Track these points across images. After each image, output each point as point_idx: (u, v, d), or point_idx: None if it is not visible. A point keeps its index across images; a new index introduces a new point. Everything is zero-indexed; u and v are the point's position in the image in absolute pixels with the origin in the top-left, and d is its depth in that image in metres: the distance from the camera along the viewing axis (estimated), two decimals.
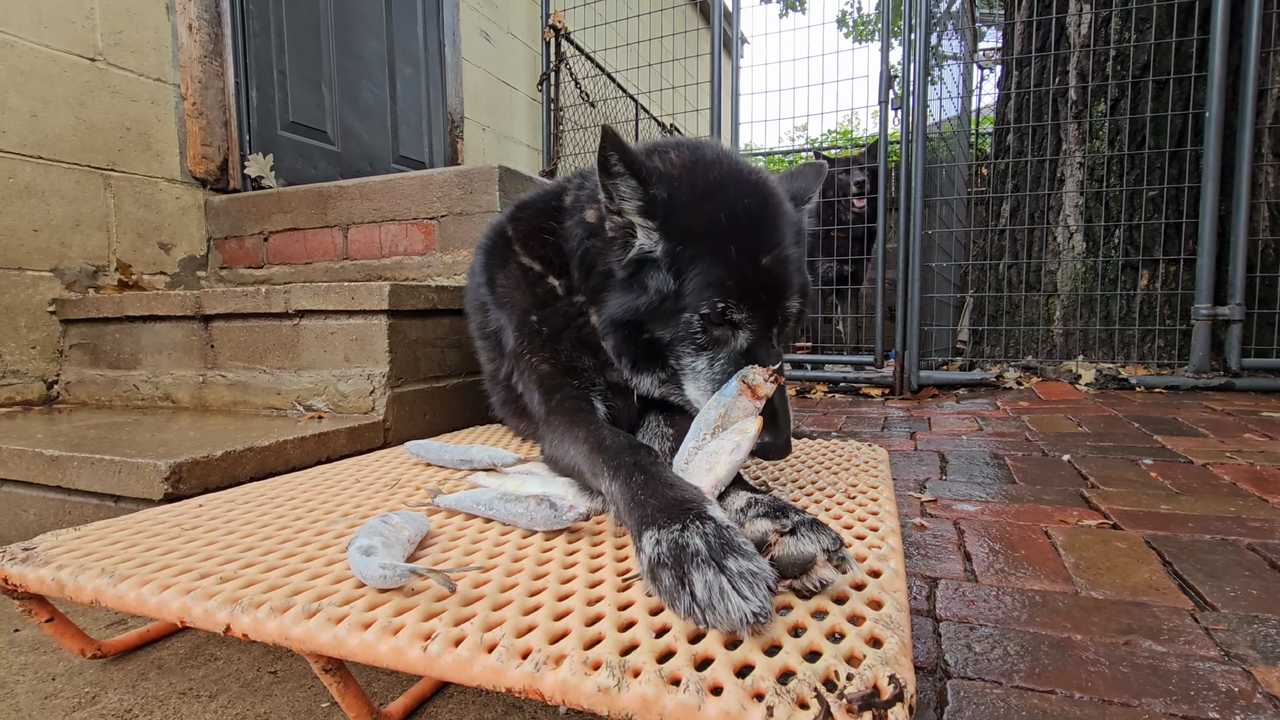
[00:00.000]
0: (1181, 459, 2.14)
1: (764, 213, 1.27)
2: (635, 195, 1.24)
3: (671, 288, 1.23)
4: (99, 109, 2.70)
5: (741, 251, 1.22)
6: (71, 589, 0.91)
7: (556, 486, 1.22)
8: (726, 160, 1.34)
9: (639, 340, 1.31)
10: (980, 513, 1.73)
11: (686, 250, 1.22)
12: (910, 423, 2.92)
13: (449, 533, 1.09)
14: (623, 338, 1.33)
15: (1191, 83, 3.49)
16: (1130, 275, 3.68)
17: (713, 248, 1.22)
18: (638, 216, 1.25)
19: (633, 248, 1.27)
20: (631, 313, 1.28)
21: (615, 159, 1.20)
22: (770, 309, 1.24)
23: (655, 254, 1.25)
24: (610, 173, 1.23)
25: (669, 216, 1.23)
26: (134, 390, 2.36)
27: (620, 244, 1.29)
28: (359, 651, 0.73)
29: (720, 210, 1.24)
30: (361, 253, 2.80)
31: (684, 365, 1.29)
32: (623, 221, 1.28)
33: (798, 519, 0.85)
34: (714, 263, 1.21)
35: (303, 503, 1.26)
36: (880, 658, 0.65)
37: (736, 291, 1.20)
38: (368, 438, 1.89)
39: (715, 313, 1.21)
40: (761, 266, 1.22)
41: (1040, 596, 1.26)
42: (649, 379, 1.37)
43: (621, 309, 1.30)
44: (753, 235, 1.24)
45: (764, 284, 1.23)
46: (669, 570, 0.76)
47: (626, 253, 1.28)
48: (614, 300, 1.32)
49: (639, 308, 1.27)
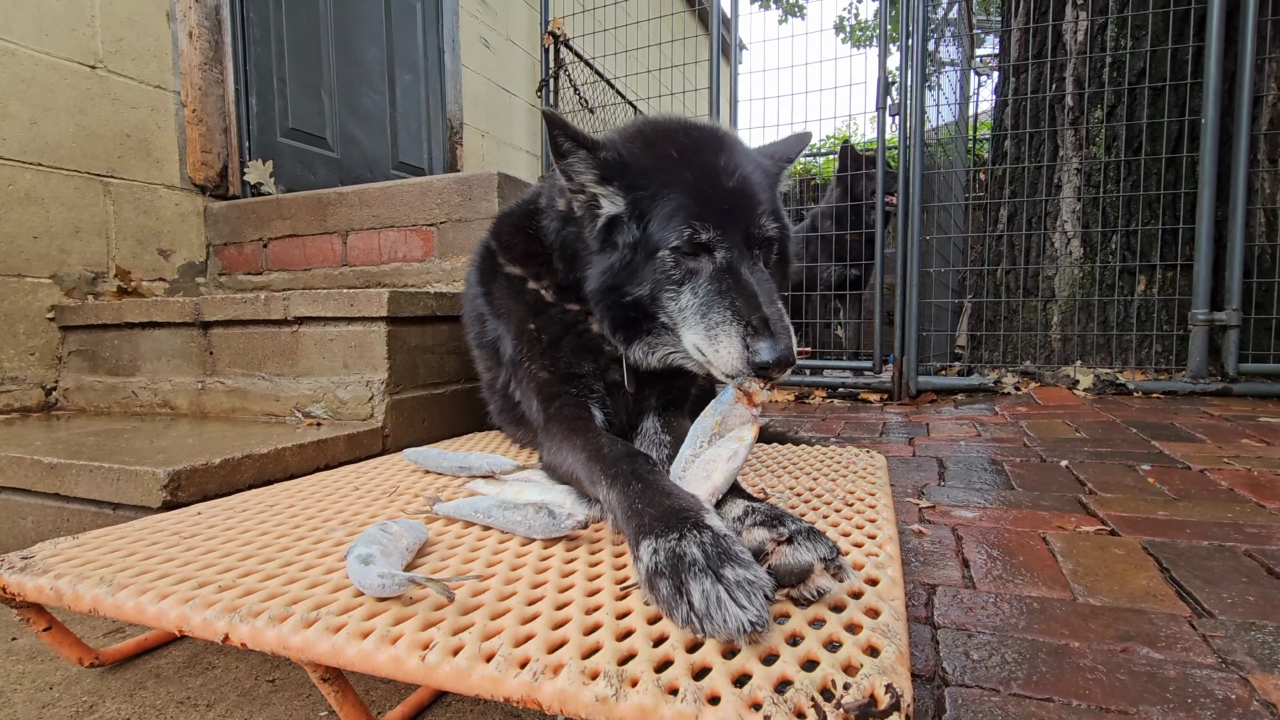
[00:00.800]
0: (1179, 464, 2.14)
1: (719, 144, 1.29)
2: (589, 166, 1.26)
3: (637, 235, 1.24)
4: (99, 116, 2.71)
5: (700, 176, 1.22)
6: (70, 598, 0.91)
7: (555, 494, 1.22)
8: (678, 118, 1.39)
9: (623, 304, 1.30)
10: (979, 519, 1.73)
11: (645, 194, 1.23)
12: (909, 428, 2.93)
13: (447, 540, 1.09)
14: (607, 307, 1.32)
15: (1188, 89, 3.51)
16: (1128, 280, 3.69)
17: (669, 181, 1.22)
18: (597, 186, 1.27)
19: (600, 218, 1.29)
20: (608, 275, 1.28)
21: (562, 138, 1.23)
22: (743, 226, 1.22)
23: (619, 212, 1.27)
24: (562, 153, 1.25)
25: (624, 170, 1.25)
26: (133, 397, 2.36)
27: (589, 219, 1.31)
28: (357, 661, 0.73)
29: (671, 147, 1.26)
30: (361, 259, 2.80)
31: (672, 311, 1.25)
32: (585, 197, 1.30)
33: (795, 527, 0.85)
34: (672, 194, 1.21)
35: (301, 510, 1.26)
36: (877, 667, 0.65)
37: (698, 211, 1.19)
38: (366, 444, 1.89)
39: (684, 240, 1.19)
40: (723, 186, 1.22)
41: (1038, 603, 1.26)
42: (640, 347, 1.36)
43: (599, 276, 1.30)
44: (709, 161, 1.25)
45: (730, 202, 1.22)
46: (666, 579, 0.76)
47: (596, 223, 1.30)
48: (593, 271, 1.32)
49: (613, 267, 1.27)
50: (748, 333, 1.11)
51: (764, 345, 1.08)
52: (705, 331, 1.18)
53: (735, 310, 1.14)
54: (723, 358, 1.14)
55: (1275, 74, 3.51)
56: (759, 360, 1.08)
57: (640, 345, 1.36)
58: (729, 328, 1.14)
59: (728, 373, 1.14)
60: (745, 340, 1.10)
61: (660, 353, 1.36)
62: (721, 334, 1.14)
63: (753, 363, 1.09)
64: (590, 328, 1.47)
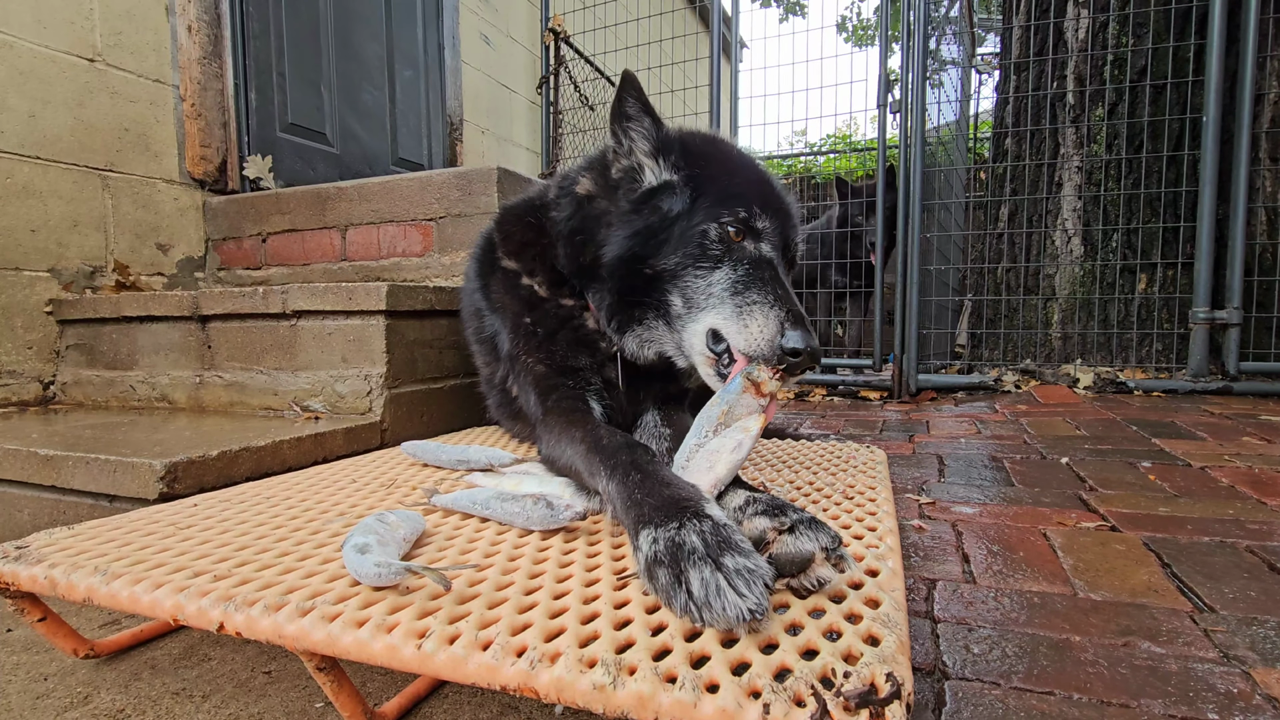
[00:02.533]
0: (1180, 462, 2.14)
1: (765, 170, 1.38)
2: (648, 137, 1.28)
3: (685, 205, 1.25)
4: (98, 110, 2.70)
5: (757, 177, 1.30)
6: (64, 587, 0.90)
7: (553, 486, 1.21)
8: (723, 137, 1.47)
9: (636, 281, 1.28)
10: (979, 515, 1.73)
11: (702, 173, 1.27)
12: (909, 426, 2.92)
13: (445, 532, 1.09)
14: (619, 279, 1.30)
15: (1189, 87, 3.50)
16: (1128, 279, 3.68)
17: (729, 169, 1.29)
18: (649, 158, 1.29)
19: (641, 184, 1.30)
20: (636, 240, 1.27)
21: (632, 102, 1.27)
22: (786, 234, 1.27)
23: (671, 180, 1.28)
24: (625, 115, 1.28)
25: (683, 150, 1.29)
26: (130, 391, 2.35)
27: (628, 186, 1.32)
28: (353, 649, 0.73)
29: (726, 149, 1.34)
30: (360, 254, 2.79)
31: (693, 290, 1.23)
32: (630, 164, 1.31)
33: (796, 517, 0.85)
34: (734, 180, 1.27)
35: (298, 502, 1.26)
36: (878, 656, 0.65)
37: (760, 201, 1.24)
38: (365, 438, 1.89)
39: (739, 220, 1.21)
40: (775, 192, 1.29)
41: (1039, 598, 1.25)
42: (633, 338, 1.35)
43: (624, 241, 1.28)
44: (764, 174, 1.34)
45: (780, 207, 1.28)
46: (665, 568, 0.76)
47: (636, 190, 1.30)
48: (617, 236, 1.30)
49: (648, 229, 1.26)
50: (785, 317, 1.12)
51: (798, 333, 1.09)
52: (735, 309, 1.16)
53: (776, 296, 1.15)
54: (753, 335, 1.12)
55: (1277, 72, 3.50)
56: (791, 345, 1.08)
57: (633, 336, 1.35)
58: (767, 310, 1.14)
59: (751, 352, 1.12)
60: (782, 323, 1.11)
61: (654, 347, 1.36)
62: (757, 312, 1.14)
63: (784, 347, 1.08)
64: (586, 323, 1.46)
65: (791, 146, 10.77)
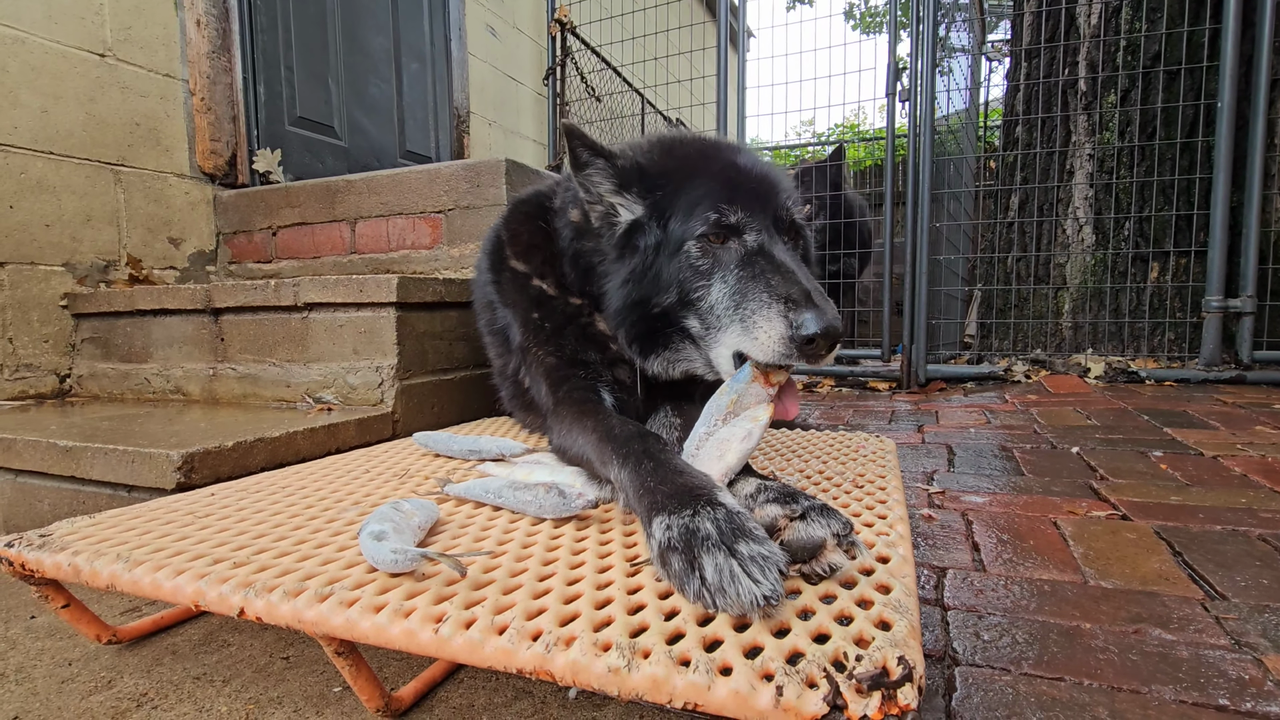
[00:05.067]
0: (1192, 451, 2.13)
1: (735, 149, 1.30)
2: (607, 176, 1.25)
3: (659, 235, 1.21)
4: (109, 105, 2.72)
5: (722, 168, 1.21)
6: (88, 574, 0.92)
7: (565, 475, 1.22)
8: (693, 133, 1.40)
9: (649, 319, 1.26)
10: (988, 504, 1.73)
11: (664, 193, 1.22)
12: (917, 416, 2.92)
13: (458, 520, 1.10)
14: (632, 324, 1.28)
15: (1203, 73, 3.45)
16: (1140, 268, 3.65)
17: (690, 175, 1.22)
18: (615, 195, 1.26)
19: (619, 226, 1.27)
20: (631, 285, 1.24)
21: (581, 149, 1.24)
22: (770, 209, 1.19)
23: (639, 216, 1.25)
24: (580, 164, 1.25)
25: (641, 175, 1.25)
26: (145, 384, 2.38)
27: (607, 228, 1.30)
28: (371, 634, 0.74)
29: (690, 150, 1.27)
30: (369, 247, 2.81)
31: (703, 310, 1.18)
32: (603, 208, 1.29)
33: (808, 504, 0.85)
34: (695, 185, 1.20)
35: (313, 491, 1.27)
36: (889, 640, 0.65)
37: (725, 195, 1.17)
38: (376, 429, 1.90)
39: (710, 225, 1.15)
40: (746, 173, 1.21)
41: (1049, 586, 1.25)
42: (658, 361, 1.32)
43: (620, 290, 1.26)
44: (728, 159, 1.25)
45: (754, 186, 1.20)
46: (679, 555, 0.76)
47: (615, 233, 1.28)
48: (612, 284, 1.29)
49: (635, 272, 1.24)
50: (789, 308, 1.03)
51: (808, 316, 1.00)
52: (741, 325, 1.10)
53: (771, 289, 1.08)
54: (764, 345, 1.05)
55: None
56: (805, 333, 0.99)
57: (659, 359, 1.31)
58: (767, 310, 1.06)
59: (773, 361, 1.06)
60: (787, 317, 1.03)
61: (681, 367, 1.32)
62: (760, 319, 1.06)
63: (798, 338, 1.00)
64: (595, 324, 1.45)
65: (799, 137, 10.71)
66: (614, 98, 5.86)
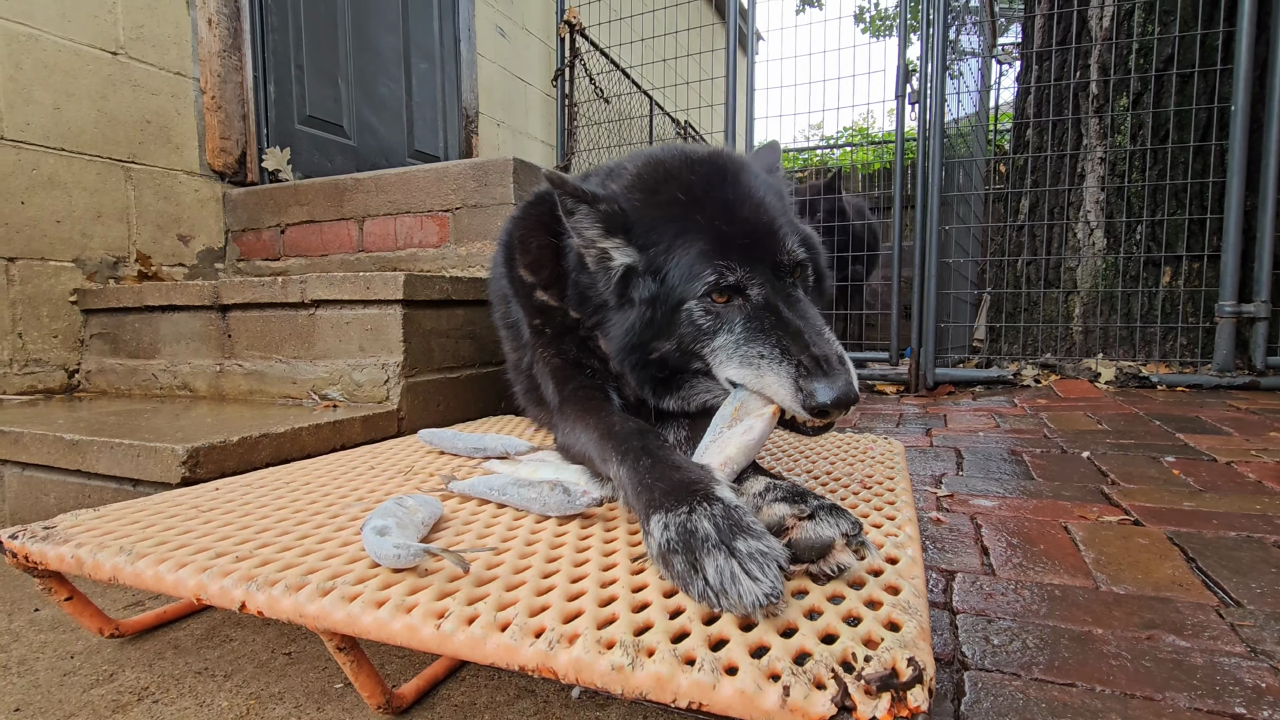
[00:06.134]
0: (1205, 457, 2.10)
1: (723, 174, 1.23)
2: (594, 222, 1.21)
3: (655, 290, 1.17)
4: (120, 102, 2.74)
5: (713, 215, 1.16)
6: (90, 566, 0.92)
7: (569, 474, 1.21)
8: (677, 151, 1.31)
9: (650, 362, 1.23)
10: (998, 508, 1.71)
11: (658, 245, 1.17)
12: (926, 419, 2.89)
13: (462, 517, 1.09)
14: (634, 364, 1.25)
15: (1217, 76, 3.42)
16: (1152, 272, 3.61)
17: (682, 229, 1.16)
18: (605, 240, 1.22)
19: (614, 270, 1.23)
20: (631, 334, 1.22)
21: (566, 198, 1.20)
22: (769, 257, 1.14)
23: (634, 263, 1.21)
24: (568, 211, 1.21)
25: (629, 224, 1.20)
26: (152, 379, 2.39)
27: (604, 273, 1.26)
28: (373, 629, 0.73)
29: (676, 189, 1.20)
30: (377, 245, 2.81)
31: (706, 354, 1.17)
32: (597, 252, 1.25)
33: (816, 503, 0.84)
34: (687, 240, 1.15)
35: (318, 487, 1.27)
36: (899, 641, 0.64)
37: (721, 253, 1.12)
38: (382, 426, 1.90)
39: (710, 286, 1.11)
40: (740, 218, 1.16)
41: (1060, 591, 1.24)
42: (674, 399, 1.30)
43: (622, 336, 1.23)
44: (719, 196, 1.19)
45: (750, 235, 1.14)
46: (680, 556, 0.75)
47: (611, 278, 1.24)
48: (614, 329, 1.26)
49: (635, 327, 1.21)
50: (799, 374, 1.00)
51: (819, 386, 0.97)
52: (743, 363, 1.09)
53: (782, 348, 1.04)
54: (776, 394, 1.04)
55: None
56: (815, 403, 0.97)
57: (673, 398, 1.29)
58: (776, 366, 1.04)
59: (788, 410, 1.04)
60: (796, 382, 1.00)
61: (698, 400, 1.29)
62: (767, 371, 1.05)
63: (808, 406, 0.98)
64: (596, 339, 1.41)
65: (808, 140, 10.68)
66: (622, 99, 5.86)
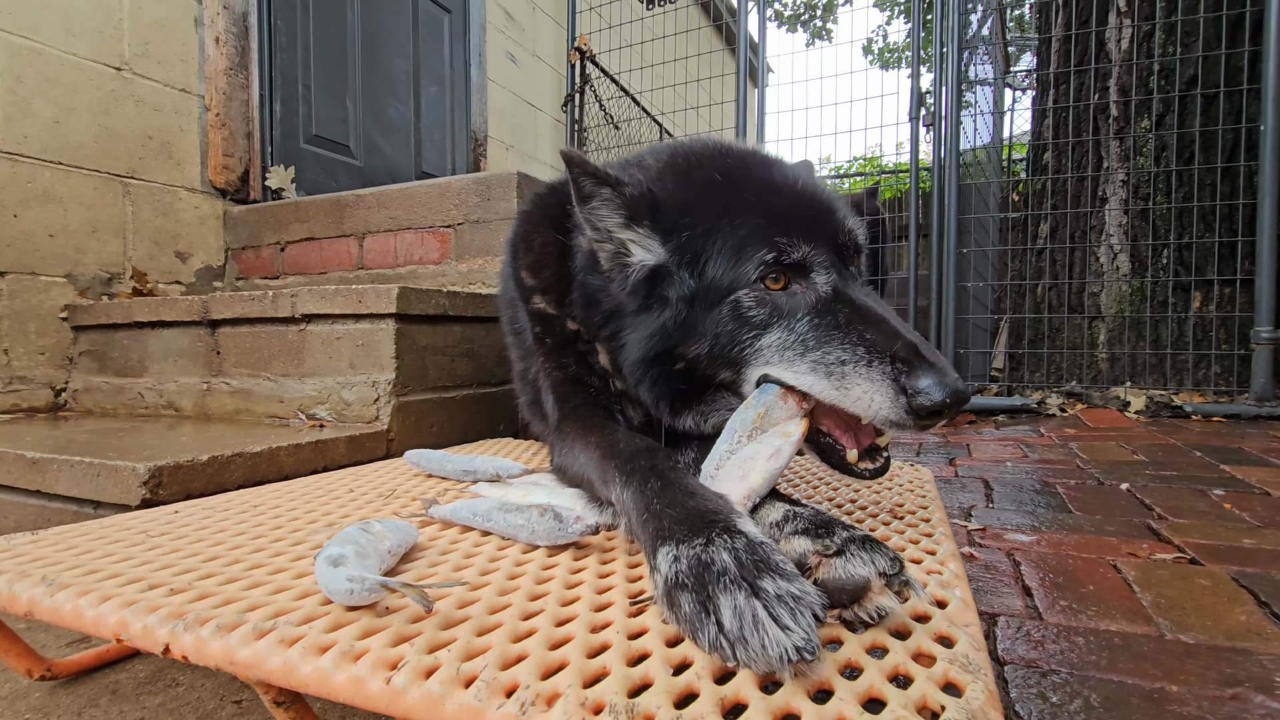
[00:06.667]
0: (1257, 490, 1.94)
1: (765, 161, 1.10)
2: (614, 208, 1.04)
3: (693, 285, 1.00)
4: (122, 117, 2.70)
5: (760, 190, 1.00)
6: (5, 598, 0.80)
7: (564, 498, 1.09)
8: (704, 139, 1.18)
9: (674, 373, 1.06)
10: (1036, 543, 1.55)
11: (694, 233, 1.01)
12: (948, 449, 2.74)
13: (440, 546, 0.96)
14: (655, 378, 1.08)
15: (1243, 96, 3.32)
16: (1181, 297, 3.47)
17: (725, 207, 1.00)
18: (625, 231, 1.05)
19: (631, 269, 1.06)
20: (656, 341, 1.04)
21: (583, 178, 1.03)
22: (830, 237, 0.96)
23: (662, 261, 1.04)
24: (584, 196, 1.05)
25: (656, 210, 1.04)
26: (138, 398, 2.29)
27: (619, 271, 1.09)
28: (312, 680, 0.60)
29: (714, 171, 1.05)
30: (376, 262, 2.73)
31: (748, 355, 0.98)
32: (613, 247, 1.08)
33: (846, 535, 0.71)
34: (734, 218, 0.98)
35: (286, 511, 1.15)
36: (964, 710, 0.51)
37: (779, 227, 0.95)
38: (369, 448, 1.78)
39: (767, 268, 0.93)
40: (793, 194, 1.00)
41: (1119, 639, 1.08)
42: (691, 416, 1.11)
43: (646, 343, 1.05)
44: (763, 176, 1.04)
45: (808, 209, 0.98)
46: (689, 593, 0.62)
47: (629, 276, 1.07)
48: (634, 337, 1.08)
49: (662, 331, 1.03)
50: (897, 370, 0.83)
51: (927, 381, 0.80)
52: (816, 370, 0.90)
53: (869, 346, 0.86)
54: (869, 407, 0.85)
55: None
56: (928, 401, 0.79)
57: (692, 414, 1.11)
58: (866, 370, 0.85)
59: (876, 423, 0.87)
60: (898, 382, 0.82)
61: (716, 418, 1.11)
62: (855, 379, 0.86)
63: (916, 407, 0.80)
64: (599, 360, 1.26)
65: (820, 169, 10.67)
66: (631, 124, 5.85)
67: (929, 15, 4.11)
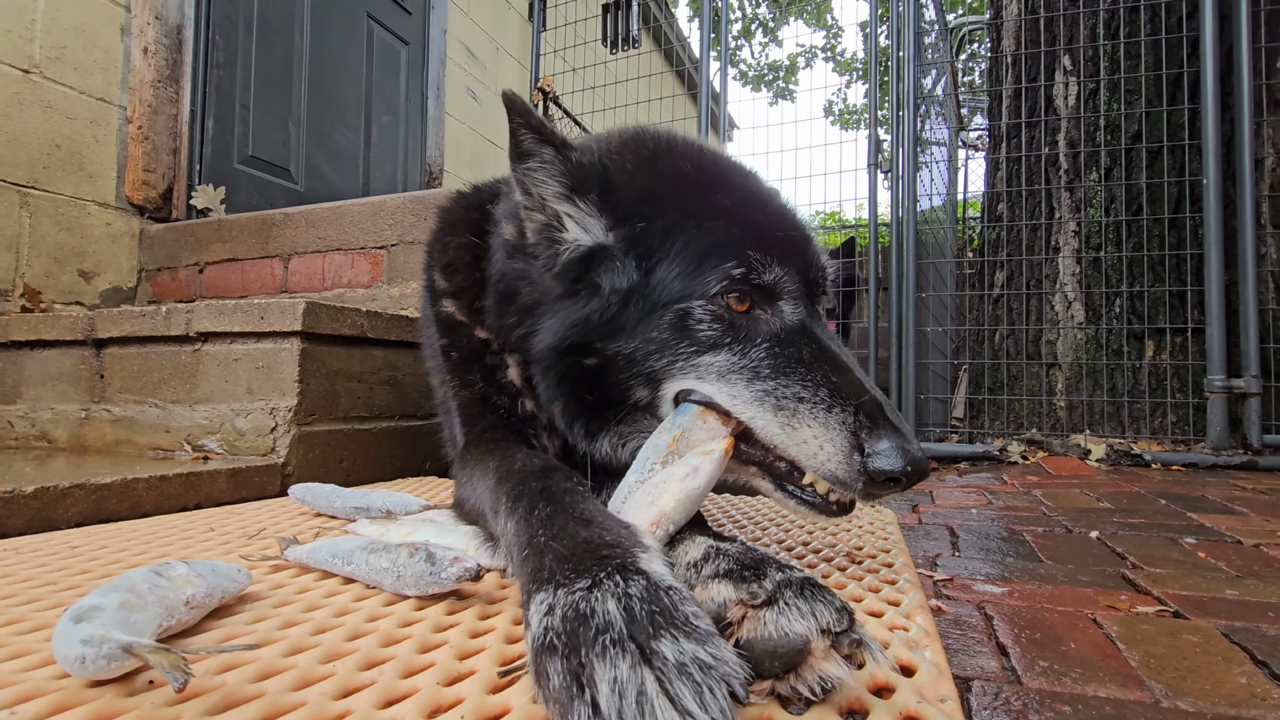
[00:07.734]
0: (1229, 538, 1.83)
1: (740, 167, 0.97)
2: (554, 173, 0.89)
3: (635, 279, 0.86)
4: (26, 122, 2.48)
5: (738, 198, 0.88)
6: None
7: (455, 537, 0.89)
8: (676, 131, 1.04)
9: (583, 371, 0.90)
10: (1007, 595, 1.40)
11: (652, 226, 0.87)
12: (910, 495, 2.60)
13: (282, 595, 0.76)
14: (560, 374, 0.91)
15: (1185, 151, 3.41)
16: (1135, 345, 3.47)
17: (690, 204, 0.86)
18: (563, 203, 0.90)
19: (562, 246, 0.90)
20: (578, 330, 0.88)
21: (525, 132, 0.88)
22: (806, 270, 0.85)
23: (605, 241, 0.89)
24: (522, 153, 0.89)
25: (610, 187, 0.89)
26: (8, 427, 2.01)
27: (545, 248, 0.92)
28: None
29: (685, 163, 0.92)
30: (302, 285, 2.52)
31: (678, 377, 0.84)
32: (544, 219, 0.92)
33: (780, 578, 0.54)
34: (703, 221, 0.85)
35: (110, 555, 0.92)
36: None
37: (756, 243, 0.82)
38: (259, 483, 1.55)
39: (734, 283, 0.81)
40: (774, 211, 0.89)
41: (1111, 707, 0.92)
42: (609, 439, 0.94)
43: (562, 331, 0.90)
44: (740, 183, 0.92)
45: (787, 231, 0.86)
46: (560, 659, 0.44)
47: (558, 255, 0.91)
48: (550, 323, 0.92)
49: (590, 320, 0.88)
50: (859, 424, 0.73)
51: (888, 445, 0.71)
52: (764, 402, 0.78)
53: (831, 389, 0.76)
54: (815, 455, 0.74)
55: (1273, 139, 3.43)
56: (885, 465, 0.71)
57: (608, 437, 0.95)
58: (824, 416, 0.75)
59: (820, 475, 0.75)
60: (856, 434, 0.73)
61: (635, 442, 0.95)
62: (806, 420, 0.75)
63: (872, 470, 0.71)
64: (507, 374, 1.10)
65: None
66: None
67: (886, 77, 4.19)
